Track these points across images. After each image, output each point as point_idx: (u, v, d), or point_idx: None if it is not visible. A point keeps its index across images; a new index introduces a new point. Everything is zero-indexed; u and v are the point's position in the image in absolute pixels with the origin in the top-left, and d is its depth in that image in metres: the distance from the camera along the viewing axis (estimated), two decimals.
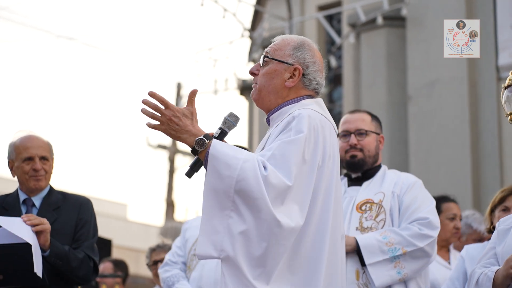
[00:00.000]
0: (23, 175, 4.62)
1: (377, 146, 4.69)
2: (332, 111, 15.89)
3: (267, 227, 3.09)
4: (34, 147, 4.62)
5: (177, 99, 20.71)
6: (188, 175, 3.29)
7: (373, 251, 4.33)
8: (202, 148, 3.16)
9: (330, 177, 3.34)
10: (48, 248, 4.42)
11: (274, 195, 3.10)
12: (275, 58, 3.47)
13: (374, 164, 4.69)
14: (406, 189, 4.53)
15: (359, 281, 4.37)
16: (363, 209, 4.51)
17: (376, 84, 13.77)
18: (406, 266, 4.36)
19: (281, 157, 3.18)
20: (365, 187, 4.62)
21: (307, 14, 15.69)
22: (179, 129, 3.18)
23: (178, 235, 5.52)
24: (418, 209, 4.46)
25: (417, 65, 13.08)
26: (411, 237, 4.36)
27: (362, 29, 14.18)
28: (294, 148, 3.21)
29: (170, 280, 5.20)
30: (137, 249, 22.45)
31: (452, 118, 12.58)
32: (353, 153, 4.65)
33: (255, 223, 3.09)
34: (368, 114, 4.77)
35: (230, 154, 3.14)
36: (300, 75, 3.46)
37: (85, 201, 4.76)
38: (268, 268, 3.12)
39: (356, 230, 4.46)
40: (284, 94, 3.47)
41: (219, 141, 3.20)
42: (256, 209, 3.09)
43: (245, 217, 3.10)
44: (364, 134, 4.66)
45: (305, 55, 3.49)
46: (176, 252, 5.33)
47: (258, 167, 3.11)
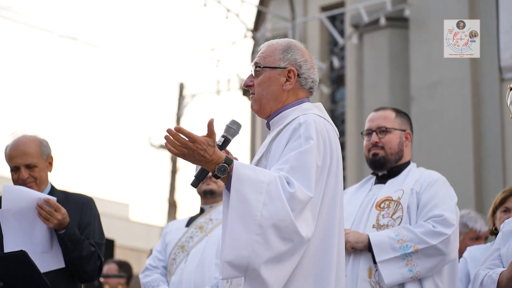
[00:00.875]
0: (15, 183, 4.54)
1: (400, 143, 4.64)
2: (335, 112, 15.89)
3: (292, 245, 3.14)
4: (18, 156, 4.50)
5: (179, 99, 20.70)
6: (193, 185, 3.32)
7: (384, 248, 4.29)
8: (224, 174, 3.19)
9: (335, 181, 3.37)
10: (64, 228, 4.38)
11: (300, 209, 3.15)
12: (267, 66, 3.49)
13: (399, 161, 4.64)
14: (426, 187, 4.47)
15: (371, 279, 4.34)
16: (381, 207, 4.48)
17: (379, 84, 13.77)
18: (418, 264, 4.29)
19: (300, 169, 3.21)
20: (389, 185, 4.59)
21: (310, 14, 15.69)
22: (204, 159, 3.19)
23: None
24: (435, 206, 4.39)
25: (419, 66, 13.09)
26: (423, 234, 4.29)
27: (365, 30, 14.19)
28: (309, 157, 3.24)
29: (150, 285, 5.20)
30: (139, 249, 22.47)
31: (454, 119, 12.58)
32: (375, 151, 4.62)
33: (283, 245, 3.13)
34: (393, 110, 4.71)
35: (254, 177, 3.16)
36: (295, 76, 3.48)
37: (88, 200, 4.69)
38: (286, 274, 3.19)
39: (373, 227, 4.42)
40: (284, 98, 3.49)
41: (240, 164, 3.21)
42: (283, 231, 3.12)
43: (272, 241, 3.12)
44: (385, 131, 4.64)
45: (295, 56, 3.50)
46: (157, 257, 5.32)
47: (281, 187, 3.14)
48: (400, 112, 4.75)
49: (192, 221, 5.32)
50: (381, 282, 4.32)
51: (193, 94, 19.23)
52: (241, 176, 3.16)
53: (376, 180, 4.70)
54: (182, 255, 5.17)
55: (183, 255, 5.17)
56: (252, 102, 3.54)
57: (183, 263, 5.13)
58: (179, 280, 5.08)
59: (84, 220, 4.59)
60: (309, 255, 3.24)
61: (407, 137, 4.69)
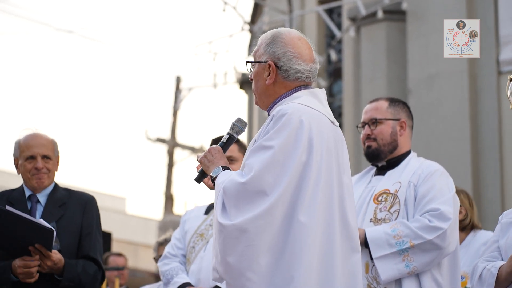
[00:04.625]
0: (26, 173, 4.67)
1: (393, 133, 4.61)
2: (332, 105, 15.86)
3: (220, 234, 3.26)
4: (36, 145, 4.65)
5: (176, 93, 20.66)
6: (197, 181, 3.38)
7: (381, 244, 4.27)
8: (215, 175, 3.38)
9: (326, 170, 3.32)
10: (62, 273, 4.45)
11: (229, 203, 3.26)
12: (254, 60, 3.50)
13: (394, 151, 4.62)
14: (424, 179, 4.45)
15: (368, 274, 4.33)
16: (379, 200, 4.47)
17: (376, 77, 13.75)
18: (415, 259, 4.27)
19: (249, 167, 3.29)
20: (388, 176, 4.58)
21: (307, 7, 15.66)
22: (210, 163, 3.42)
23: (177, 228, 5.47)
24: (432, 199, 4.37)
25: (417, 58, 13.06)
26: (419, 229, 4.27)
27: (362, 22, 14.15)
28: (261, 151, 3.28)
29: (169, 273, 5.13)
30: (136, 242, 22.48)
31: (452, 112, 12.57)
32: (368, 143, 4.62)
33: (219, 237, 3.26)
34: (386, 100, 4.68)
35: (219, 182, 3.34)
36: (274, 70, 3.44)
37: (90, 199, 4.79)
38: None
39: (370, 221, 4.41)
40: (271, 92, 3.47)
41: (225, 172, 3.37)
42: (216, 227, 3.30)
43: (215, 237, 3.29)
44: (376, 123, 4.62)
45: (275, 48, 3.45)
46: (175, 245, 5.25)
47: (221, 187, 3.30)
48: (394, 101, 4.70)
49: (211, 208, 5.21)
50: (378, 278, 4.30)
51: (189, 88, 19.21)
52: (217, 182, 3.36)
53: (376, 171, 4.69)
54: (201, 243, 5.09)
55: (202, 243, 5.09)
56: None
57: (202, 251, 5.06)
58: (198, 269, 5.01)
59: (86, 222, 4.67)
60: (313, 245, 3.21)
61: (402, 126, 4.64)
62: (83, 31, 45.54)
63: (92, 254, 4.61)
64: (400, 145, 4.64)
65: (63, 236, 4.51)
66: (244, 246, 3.15)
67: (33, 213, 4.60)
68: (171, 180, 21.05)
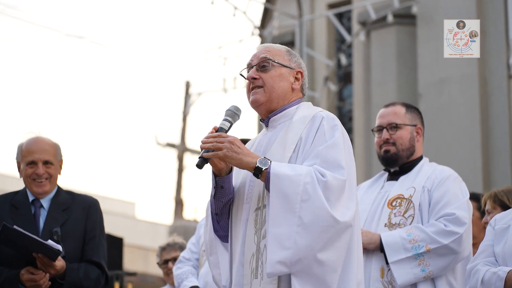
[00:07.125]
0: (27, 178, 4.62)
1: (412, 138, 4.62)
2: (342, 109, 15.86)
3: (334, 230, 3.24)
4: (38, 151, 4.60)
5: (186, 98, 20.68)
6: (199, 166, 3.34)
7: (396, 248, 4.28)
8: (266, 166, 3.31)
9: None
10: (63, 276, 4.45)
11: (335, 197, 3.26)
12: (280, 62, 3.59)
13: (410, 157, 4.62)
14: (438, 184, 4.45)
15: (383, 278, 4.33)
16: (393, 205, 4.47)
17: (386, 82, 13.75)
18: (431, 264, 4.28)
19: (330, 159, 3.34)
20: (401, 181, 4.58)
21: (317, 12, 15.66)
22: (241, 152, 3.35)
23: (187, 233, 5.53)
24: (446, 204, 4.37)
25: (427, 62, 13.05)
26: (435, 234, 4.28)
27: (372, 27, 14.16)
28: (337, 148, 3.37)
29: (180, 277, 5.27)
30: (146, 247, 22.47)
31: (462, 116, 12.55)
32: (386, 148, 4.61)
33: (325, 233, 3.22)
34: (403, 106, 4.70)
35: (290, 173, 3.28)
36: (302, 78, 3.64)
37: (94, 203, 4.75)
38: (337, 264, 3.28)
39: (385, 226, 4.42)
40: (289, 96, 3.61)
41: (276, 163, 3.34)
42: (321, 219, 3.22)
43: (312, 231, 3.22)
44: (396, 127, 4.62)
45: (299, 61, 3.67)
46: (190, 249, 5.38)
47: (316, 179, 3.26)
48: (410, 107, 4.73)
49: None
50: (394, 282, 4.31)
51: (199, 92, 19.22)
52: (278, 169, 3.30)
53: (388, 176, 4.68)
54: None
55: None
56: (257, 93, 3.57)
57: None
58: (206, 272, 5.08)
59: (90, 226, 4.66)
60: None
61: (418, 132, 4.68)
62: (93, 36, 45.63)
63: (96, 258, 4.60)
64: (416, 150, 4.65)
65: (67, 241, 4.49)
66: (343, 242, 3.27)
67: (36, 218, 4.58)
68: (181, 185, 21.07)
